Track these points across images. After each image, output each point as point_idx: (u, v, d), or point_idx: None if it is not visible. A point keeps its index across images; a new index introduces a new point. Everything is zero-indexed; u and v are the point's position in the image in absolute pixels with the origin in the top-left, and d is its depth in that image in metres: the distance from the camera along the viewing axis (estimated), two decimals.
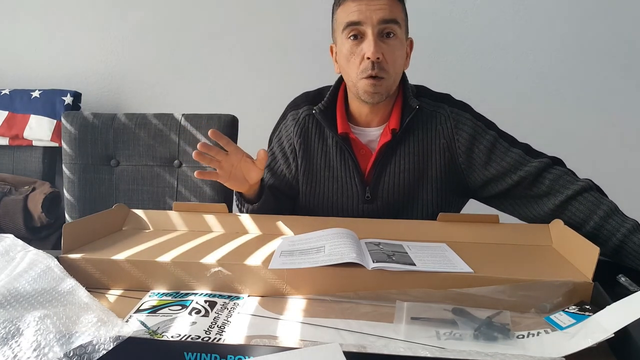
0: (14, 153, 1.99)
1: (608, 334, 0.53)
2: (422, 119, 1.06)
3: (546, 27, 1.92)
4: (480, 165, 1.03)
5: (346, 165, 1.07)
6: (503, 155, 1.01)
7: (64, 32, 2.11)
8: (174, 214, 0.97)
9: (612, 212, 0.88)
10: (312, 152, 1.10)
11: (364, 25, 0.95)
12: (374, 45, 0.94)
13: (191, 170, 1.45)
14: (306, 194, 1.12)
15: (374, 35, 0.94)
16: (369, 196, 1.06)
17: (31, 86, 2.05)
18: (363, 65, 0.97)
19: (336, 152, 1.08)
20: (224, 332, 0.61)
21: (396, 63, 0.99)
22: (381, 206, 1.07)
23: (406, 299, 0.66)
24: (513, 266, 0.75)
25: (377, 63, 0.95)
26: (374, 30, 0.94)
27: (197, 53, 2.08)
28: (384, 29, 0.95)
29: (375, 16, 0.94)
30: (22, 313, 0.59)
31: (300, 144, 1.10)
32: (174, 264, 0.74)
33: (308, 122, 1.10)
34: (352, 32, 0.96)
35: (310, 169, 1.11)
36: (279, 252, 0.78)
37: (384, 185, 1.06)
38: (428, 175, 1.06)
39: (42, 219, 1.73)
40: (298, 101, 1.14)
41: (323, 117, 1.06)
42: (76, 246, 0.81)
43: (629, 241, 0.83)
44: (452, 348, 0.55)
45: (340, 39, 1.00)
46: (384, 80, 0.98)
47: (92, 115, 1.48)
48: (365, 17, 0.94)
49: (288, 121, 1.13)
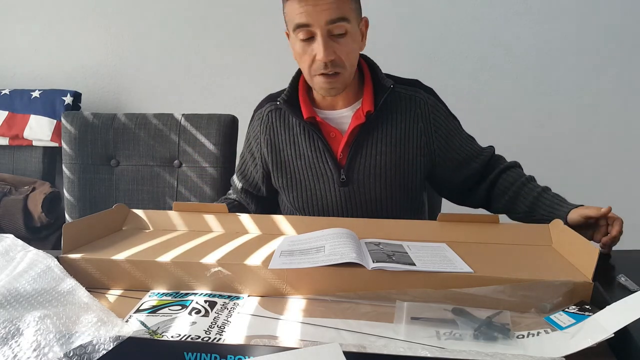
0: (14, 153, 1.99)
1: (608, 334, 0.53)
2: (400, 102, 1.06)
3: (546, 27, 1.92)
4: (452, 150, 1.09)
5: (317, 149, 1.06)
6: (463, 142, 1.10)
7: (64, 32, 2.10)
8: (174, 214, 0.97)
9: (530, 179, 1.05)
10: (279, 145, 1.10)
11: (312, 27, 0.93)
12: (324, 48, 0.93)
13: (191, 170, 1.45)
14: (283, 188, 1.12)
15: (323, 37, 0.93)
16: (344, 178, 1.06)
17: (31, 86, 2.05)
18: (315, 65, 0.97)
19: (305, 138, 1.07)
20: (224, 332, 0.61)
21: (350, 56, 0.98)
22: (358, 189, 1.07)
23: (406, 299, 0.66)
24: (513, 266, 0.75)
25: (330, 62, 0.95)
26: (322, 31, 0.92)
27: (197, 53, 2.08)
28: (332, 28, 0.93)
29: (322, 17, 0.91)
30: (22, 313, 0.59)
31: (267, 140, 1.11)
32: (174, 264, 0.74)
33: (272, 117, 1.11)
34: (302, 34, 0.95)
35: (281, 161, 1.10)
36: (279, 252, 0.78)
37: (360, 168, 1.06)
38: (407, 159, 1.06)
39: (42, 219, 1.73)
40: (262, 102, 1.16)
41: (287, 106, 1.05)
42: (76, 246, 0.81)
43: (542, 195, 1.00)
44: (452, 348, 0.55)
45: (291, 35, 0.99)
46: (340, 75, 0.97)
47: (92, 115, 1.48)
48: (312, 19, 0.92)
49: (255, 122, 1.15)
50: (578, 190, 1.96)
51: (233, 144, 1.45)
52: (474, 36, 1.95)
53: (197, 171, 1.45)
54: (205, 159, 1.44)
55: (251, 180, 1.18)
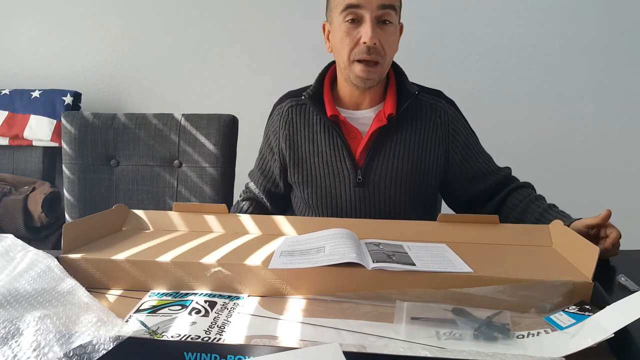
0: (14, 153, 1.99)
1: (608, 334, 0.53)
2: (421, 109, 1.07)
3: (546, 27, 1.92)
4: (468, 163, 1.09)
5: (336, 148, 1.06)
6: (480, 157, 1.11)
7: (64, 32, 2.10)
8: (174, 214, 0.97)
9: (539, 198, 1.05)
10: (298, 141, 1.10)
11: (362, 9, 0.94)
12: (372, 30, 0.94)
13: (191, 170, 1.45)
14: (299, 184, 1.12)
15: (372, 21, 0.94)
16: (361, 179, 1.06)
17: (31, 86, 2.05)
18: (358, 49, 0.97)
19: (325, 136, 1.07)
20: (224, 332, 0.61)
21: (391, 48, 0.99)
22: (373, 191, 1.07)
23: (406, 299, 0.66)
24: (513, 266, 0.75)
25: (374, 48, 0.95)
26: (372, 15, 0.94)
27: (197, 53, 2.08)
28: (382, 14, 0.95)
29: (375, 1, 0.93)
30: (22, 313, 0.59)
31: (285, 136, 1.11)
32: (174, 264, 0.74)
33: (292, 113, 1.11)
34: (350, 15, 0.95)
35: (299, 157, 1.10)
36: (279, 252, 0.78)
37: (377, 170, 1.06)
38: (424, 165, 1.07)
39: (42, 219, 1.73)
40: (282, 97, 1.16)
41: (312, 102, 1.06)
42: (76, 246, 0.81)
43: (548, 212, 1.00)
44: (452, 348, 0.55)
45: (336, 19, 0.99)
46: (379, 65, 0.98)
47: (92, 115, 1.48)
48: (365, 0, 0.93)
49: (274, 117, 1.15)
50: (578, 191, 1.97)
51: (233, 144, 1.45)
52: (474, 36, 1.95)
53: (197, 171, 1.45)
54: (205, 159, 1.44)
55: (270, 176, 1.18)
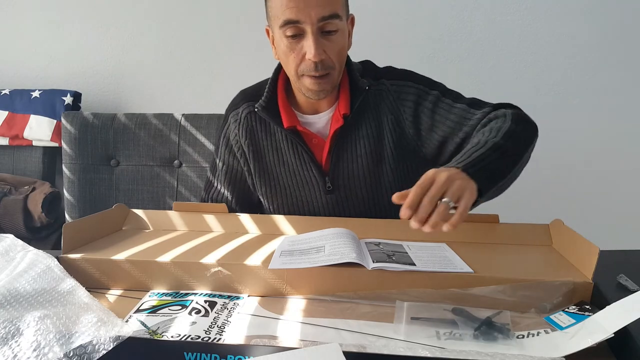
0: (14, 153, 1.99)
1: (608, 334, 0.53)
2: (369, 100, 1.00)
3: (546, 27, 1.92)
4: (427, 130, 0.97)
5: (301, 157, 1.01)
6: (447, 113, 0.95)
7: (64, 32, 2.10)
8: (174, 214, 0.97)
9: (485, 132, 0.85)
10: (261, 151, 1.04)
11: (302, 24, 0.86)
12: (315, 46, 0.86)
13: (191, 170, 1.45)
14: (267, 196, 1.06)
15: (314, 34, 0.86)
16: (330, 186, 1.01)
17: (31, 86, 2.05)
18: (304, 65, 0.90)
19: (287, 145, 1.01)
20: (224, 332, 0.61)
21: (341, 55, 0.92)
22: (344, 195, 1.02)
23: (406, 299, 0.66)
24: (513, 266, 0.75)
25: (321, 62, 0.88)
26: (313, 29, 0.86)
27: (197, 53, 2.08)
28: (324, 25, 0.86)
29: (314, 14, 0.84)
30: (22, 313, 0.59)
31: (248, 145, 1.04)
32: (174, 264, 0.74)
33: (251, 121, 1.04)
34: (290, 31, 0.87)
35: (264, 168, 1.04)
36: (279, 252, 0.78)
37: (344, 172, 1.00)
38: (384, 157, 1.00)
39: (42, 219, 1.73)
40: (236, 101, 1.09)
41: (266, 114, 0.99)
42: (76, 246, 0.81)
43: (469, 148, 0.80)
44: (452, 348, 0.55)
45: (277, 32, 0.91)
46: (329, 76, 0.91)
47: (92, 115, 1.48)
48: (303, 15, 0.84)
49: (230, 124, 1.07)
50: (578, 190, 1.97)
51: None
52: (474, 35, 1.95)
53: (197, 171, 1.45)
54: (205, 159, 1.44)
55: (243, 184, 1.08)
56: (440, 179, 0.64)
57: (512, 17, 1.93)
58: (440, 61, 1.99)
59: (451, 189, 0.64)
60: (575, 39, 1.91)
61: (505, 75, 1.96)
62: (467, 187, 0.66)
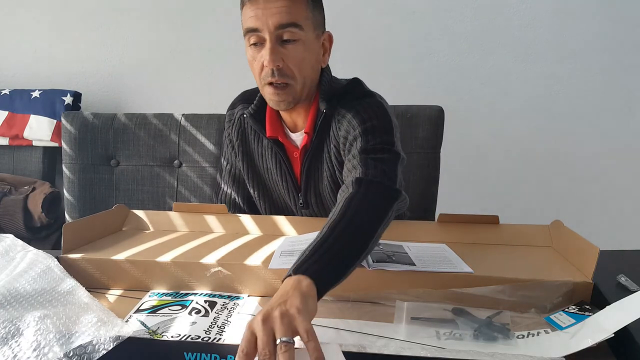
0: (14, 153, 1.99)
1: (608, 334, 0.53)
2: (331, 122, 0.98)
3: (546, 27, 1.92)
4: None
5: (281, 168, 1.03)
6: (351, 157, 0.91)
7: (64, 32, 2.10)
8: (174, 214, 0.97)
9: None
10: (251, 153, 1.06)
11: (262, 32, 0.88)
12: (270, 53, 0.88)
13: (191, 170, 1.45)
14: (256, 198, 1.08)
15: (272, 42, 0.88)
16: (302, 203, 1.03)
17: (31, 86, 2.05)
18: (264, 72, 0.91)
19: (271, 153, 1.03)
20: (224, 332, 0.61)
21: (301, 66, 0.91)
22: (317, 211, 1.04)
23: (406, 299, 0.66)
24: (513, 266, 0.75)
25: (278, 70, 0.89)
26: (271, 36, 0.88)
27: (196, 53, 2.08)
28: (282, 34, 0.88)
29: (271, 22, 0.87)
30: (22, 313, 0.59)
31: (239, 146, 1.07)
32: (174, 264, 0.74)
33: (243, 122, 1.06)
34: (252, 39, 0.90)
35: (254, 170, 1.07)
36: (279, 252, 0.78)
37: (312, 191, 1.02)
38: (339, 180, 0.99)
39: (42, 219, 1.73)
40: (235, 101, 1.11)
41: (253, 121, 1.01)
42: (76, 246, 0.81)
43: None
44: (452, 348, 0.55)
45: (245, 43, 0.94)
46: (289, 86, 0.91)
47: (92, 115, 1.48)
48: (261, 23, 0.87)
49: (226, 123, 1.10)
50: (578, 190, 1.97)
51: None
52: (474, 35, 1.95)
53: (197, 171, 1.45)
54: (205, 159, 1.44)
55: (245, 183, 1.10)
56: (256, 327, 0.51)
57: (512, 16, 1.93)
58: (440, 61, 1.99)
59: (276, 325, 0.51)
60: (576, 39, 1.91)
61: (505, 75, 1.96)
62: (291, 307, 0.53)
